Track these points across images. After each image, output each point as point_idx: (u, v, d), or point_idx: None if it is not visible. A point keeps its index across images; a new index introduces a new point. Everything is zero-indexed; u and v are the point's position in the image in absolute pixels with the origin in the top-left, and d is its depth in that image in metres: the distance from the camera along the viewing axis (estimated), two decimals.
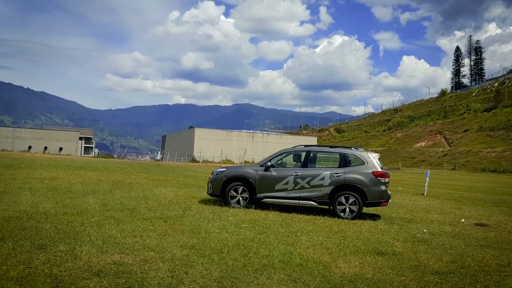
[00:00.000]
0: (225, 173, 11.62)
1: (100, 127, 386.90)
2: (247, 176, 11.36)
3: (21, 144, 73.44)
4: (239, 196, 11.33)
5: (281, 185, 11.04)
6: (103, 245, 6.39)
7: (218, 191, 11.53)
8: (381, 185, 10.73)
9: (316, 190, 10.83)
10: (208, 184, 11.93)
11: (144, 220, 8.64)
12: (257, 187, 11.21)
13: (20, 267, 5.11)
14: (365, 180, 10.65)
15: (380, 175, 10.75)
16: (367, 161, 10.91)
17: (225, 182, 11.45)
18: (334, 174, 10.81)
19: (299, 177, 10.96)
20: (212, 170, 12.39)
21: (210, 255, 6.21)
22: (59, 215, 8.58)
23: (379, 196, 10.68)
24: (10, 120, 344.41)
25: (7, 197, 10.70)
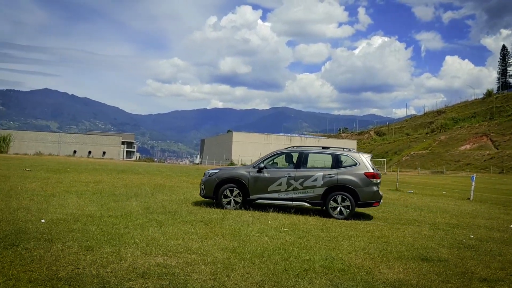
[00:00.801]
0: (218, 175, 11.58)
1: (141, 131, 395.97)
2: (240, 178, 11.36)
3: (67, 148, 76.15)
4: (232, 198, 11.32)
5: (274, 186, 11.10)
6: (147, 247, 6.53)
7: (211, 193, 11.48)
8: (373, 185, 10.86)
9: (309, 191, 10.91)
10: (201, 186, 11.86)
11: (185, 223, 8.78)
12: (250, 188, 11.21)
13: (68, 268, 5.30)
14: (357, 181, 10.76)
15: (372, 176, 10.88)
16: (359, 162, 11.04)
17: (218, 183, 11.42)
18: (326, 175, 10.90)
19: (292, 178, 11.02)
20: (204, 172, 12.35)
21: (251, 259, 6.22)
22: (104, 217, 8.84)
23: (371, 197, 10.81)
24: (56, 125, 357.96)
25: (55, 200, 11.12)
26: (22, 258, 5.59)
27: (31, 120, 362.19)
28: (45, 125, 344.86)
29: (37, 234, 6.91)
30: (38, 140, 75.24)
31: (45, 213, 8.91)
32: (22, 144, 69.46)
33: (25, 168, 21.39)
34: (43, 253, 5.84)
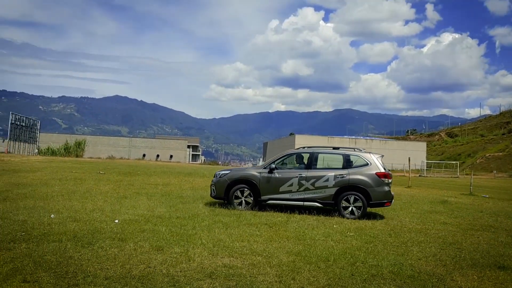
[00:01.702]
0: (229, 176, 11.57)
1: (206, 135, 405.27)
2: (251, 178, 11.34)
3: (136, 152, 79.58)
4: (243, 199, 11.28)
5: (285, 187, 11.06)
6: (214, 248, 6.68)
7: (222, 194, 11.46)
8: (385, 185, 10.84)
9: (321, 191, 10.88)
10: (211, 187, 11.85)
11: (250, 225, 8.87)
12: (262, 189, 11.19)
13: (141, 267, 5.54)
14: (369, 181, 10.73)
15: (384, 176, 10.85)
16: (370, 162, 11.00)
17: (229, 184, 11.40)
18: (338, 175, 10.87)
19: (303, 178, 10.99)
20: (215, 173, 12.31)
21: (317, 263, 6.18)
22: (172, 218, 9.15)
23: (383, 197, 10.78)
24: (126, 130, 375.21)
25: (127, 201, 11.66)
26: (98, 256, 5.91)
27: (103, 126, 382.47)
28: (116, 130, 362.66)
29: (111, 234, 7.28)
30: (110, 145, 79.28)
31: (118, 214, 9.37)
32: (96, 148, 73.43)
33: (99, 171, 22.60)
34: (117, 252, 6.15)
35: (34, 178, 16.80)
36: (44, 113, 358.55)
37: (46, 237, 6.82)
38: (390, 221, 10.51)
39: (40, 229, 7.36)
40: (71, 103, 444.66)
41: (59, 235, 6.96)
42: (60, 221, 8.21)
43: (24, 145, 48.37)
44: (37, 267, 5.25)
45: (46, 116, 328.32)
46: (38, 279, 4.85)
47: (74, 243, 6.53)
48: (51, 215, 8.72)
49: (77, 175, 19.37)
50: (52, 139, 64.91)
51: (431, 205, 15.08)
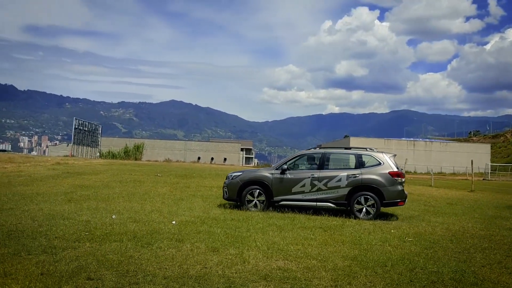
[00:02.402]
0: (241, 177, 11.56)
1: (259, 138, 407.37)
2: (263, 180, 11.33)
3: (192, 155, 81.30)
4: (256, 200, 11.25)
5: (298, 187, 11.04)
6: (268, 251, 6.70)
7: (234, 195, 11.46)
8: (398, 184, 10.79)
9: (334, 191, 10.85)
10: (224, 189, 11.84)
11: (304, 228, 8.82)
12: (274, 190, 11.17)
13: (197, 267, 5.66)
14: (382, 180, 10.69)
15: (397, 175, 10.80)
16: (383, 161, 10.95)
17: (241, 186, 11.39)
18: (351, 175, 10.84)
19: (315, 179, 10.97)
20: (227, 174, 12.31)
21: (373, 268, 6.04)
22: (227, 220, 9.27)
23: (397, 196, 10.72)
24: (182, 134, 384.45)
25: (183, 203, 11.95)
26: (157, 256, 6.10)
27: (160, 130, 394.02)
28: (172, 134, 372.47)
29: (169, 235, 7.49)
30: (166, 148, 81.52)
31: (175, 215, 9.62)
32: (153, 151, 75.72)
33: (156, 173, 23.29)
34: (175, 252, 6.31)
35: (96, 180, 17.60)
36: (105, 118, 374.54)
37: (108, 237, 7.12)
38: (452, 227, 10.10)
39: (103, 229, 7.70)
40: (130, 108, 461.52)
41: (120, 235, 7.25)
42: (121, 221, 8.55)
43: (87, 148, 50.79)
44: (100, 266, 5.49)
45: (107, 121, 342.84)
46: (101, 277, 5.07)
47: (134, 243, 6.78)
48: (112, 216, 9.10)
49: (136, 177, 20.07)
50: (113, 143, 67.60)
51: (496, 210, 14.34)
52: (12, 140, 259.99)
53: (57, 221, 8.33)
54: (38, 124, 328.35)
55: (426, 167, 62.57)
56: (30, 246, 6.30)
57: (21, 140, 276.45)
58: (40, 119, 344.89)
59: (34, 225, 7.86)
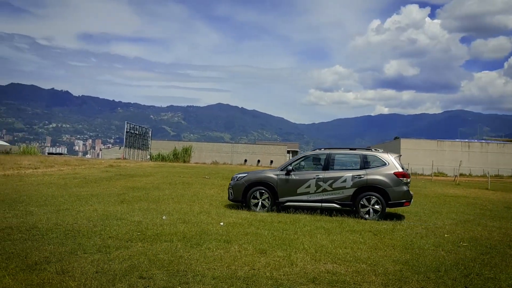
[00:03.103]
0: (246, 178, 11.58)
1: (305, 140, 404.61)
2: (268, 181, 11.32)
3: (238, 157, 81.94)
4: (261, 201, 11.26)
5: (303, 188, 11.04)
6: (316, 254, 6.64)
7: (239, 197, 11.48)
8: (403, 185, 10.75)
9: (339, 192, 10.84)
10: (229, 190, 11.87)
11: (353, 232, 8.67)
12: (279, 191, 11.18)
13: (245, 268, 5.69)
14: (387, 180, 10.65)
15: (402, 175, 10.76)
16: (388, 162, 10.93)
17: (246, 187, 11.41)
18: (356, 176, 10.82)
19: (320, 180, 10.97)
20: (232, 176, 12.37)
21: (426, 273, 5.85)
22: (274, 223, 9.26)
23: (402, 196, 10.67)
24: (228, 136, 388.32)
25: (231, 205, 12.06)
26: (205, 256, 6.19)
27: (207, 132, 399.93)
28: (219, 136, 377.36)
29: (217, 236, 7.59)
30: (214, 150, 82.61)
31: (223, 217, 9.73)
32: (201, 154, 76.98)
33: (204, 176, 23.67)
34: (223, 253, 6.38)
35: (147, 182, 18.11)
36: (155, 121, 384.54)
37: (159, 237, 7.30)
38: (510, 231, 9.62)
39: (154, 230, 7.90)
40: (178, 112, 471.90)
41: (170, 236, 7.42)
42: (171, 222, 8.74)
43: (138, 151, 52.32)
44: (152, 265, 5.64)
45: (157, 125, 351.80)
46: (153, 276, 5.21)
47: (184, 244, 6.91)
48: (163, 217, 9.33)
49: (184, 179, 20.49)
50: (162, 146, 69.28)
51: None
52: (68, 144, 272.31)
53: (111, 221, 8.63)
54: (92, 128, 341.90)
55: (482, 170, 59.96)
56: (85, 245, 6.56)
57: (76, 143, 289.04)
58: (93, 123, 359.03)
59: (89, 225, 8.18)
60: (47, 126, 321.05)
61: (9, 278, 4.87)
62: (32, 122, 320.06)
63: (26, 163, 24.43)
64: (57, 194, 12.68)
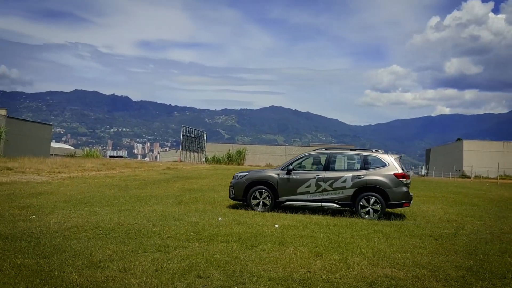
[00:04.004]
0: (247, 177, 11.64)
1: (361, 142, 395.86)
2: (269, 180, 11.38)
3: None
4: (261, 200, 11.31)
5: (303, 188, 11.09)
6: (374, 258, 6.49)
7: (240, 195, 11.54)
8: (403, 186, 10.77)
9: (339, 192, 10.87)
10: (230, 189, 11.93)
11: (412, 236, 8.41)
12: (280, 190, 11.23)
13: (301, 271, 5.67)
14: (387, 181, 10.67)
15: (402, 176, 10.77)
16: (388, 162, 10.93)
17: (247, 186, 11.47)
18: (356, 176, 10.84)
19: (321, 179, 11.02)
20: (234, 175, 12.36)
21: (491, 279, 5.58)
22: (330, 226, 9.16)
23: (402, 197, 10.69)
24: (282, 139, 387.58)
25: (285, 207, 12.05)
26: (261, 258, 6.22)
27: (261, 135, 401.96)
28: (273, 139, 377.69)
29: (272, 238, 7.61)
30: (267, 153, 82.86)
31: (278, 219, 9.73)
32: (255, 156, 77.44)
33: None
34: (278, 255, 6.39)
35: (203, 184, 18.48)
36: (209, 125, 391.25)
37: (215, 238, 7.43)
38: None
39: (210, 230, 8.05)
40: (232, 115, 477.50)
41: (226, 237, 7.53)
42: (226, 223, 8.86)
43: (194, 154, 53.50)
44: (209, 265, 5.74)
45: (211, 128, 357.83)
46: (210, 276, 5.30)
47: (240, 245, 6.98)
48: (218, 218, 9.48)
49: None
50: (217, 149, 70.42)
51: None
52: (128, 147, 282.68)
53: (169, 221, 8.88)
54: (150, 132, 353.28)
55: None
56: (146, 245, 6.79)
57: (136, 147, 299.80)
58: (151, 127, 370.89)
59: (149, 225, 8.46)
60: (108, 130, 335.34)
61: (76, 274, 5.13)
62: (95, 127, 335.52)
63: (90, 166, 25.66)
64: (118, 195, 13.21)
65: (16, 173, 19.37)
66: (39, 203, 10.78)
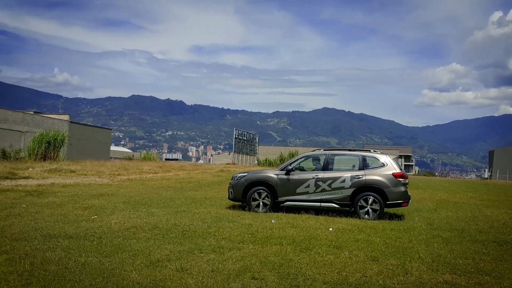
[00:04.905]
0: (247, 178, 11.62)
1: (419, 144, 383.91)
2: (268, 180, 11.38)
3: None
4: (261, 201, 11.30)
5: (302, 188, 11.10)
6: (433, 264, 6.27)
7: (239, 196, 11.54)
8: (401, 186, 10.81)
9: (338, 192, 10.90)
10: (229, 189, 11.97)
11: (474, 242, 8.05)
12: (279, 191, 11.25)
13: (357, 275, 5.56)
14: (385, 181, 10.70)
15: (400, 176, 10.82)
16: (386, 162, 11.00)
17: (246, 186, 11.45)
18: (354, 176, 10.87)
19: (320, 180, 11.04)
20: (232, 175, 12.40)
21: None
22: (386, 230, 8.93)
23: (400, 197, 10.72)
24: (335, 141, 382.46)
25: (339, 211, 11.90)
26: (315, 261, 6.17)
27: (313, 137, 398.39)
28: (325, 141, 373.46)
29: (326, 241, 7.53)
30: None
31: (332, 223, 9.61)
32: None
33: None
34: (333, 259, 6.31)
35: None
36: (261, 127, 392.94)
37: (268, 240, 7.45)
38: None
39: (263, 233, 8.09)
40: (284, 117, 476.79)
41: (280, 239, 7.53)
42: (280, 226, 8.87)
43: (246, 156, 53.97)
44: (263, 267, 5.77)
45: (263, 130, 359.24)
46: (264, 277, 5.32)
47: (293, 247, 6.97)
48: (272, 220, 9.50)
49: None
50: (269, 151, 70.71)
51: None
52: (183, 150, 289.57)
53: (223, 223, 9.01)
54: (204, 135, 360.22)
55: None
56: (201, 245, 6.93)
57: (190, 149, 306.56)
58: (205, 130, 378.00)
59: (204, 226, 8.63)
60: (164, 134, 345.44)
61: (136, 273, 5.32)
62: (151, 130, 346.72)
63: (147, 168, 26.54)
64: (174, 197, 13.56)
65: (78, 175, 20.37)
66: (100, 204, 11.26)
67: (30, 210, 9.83)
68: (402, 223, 9.87)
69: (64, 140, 29.86)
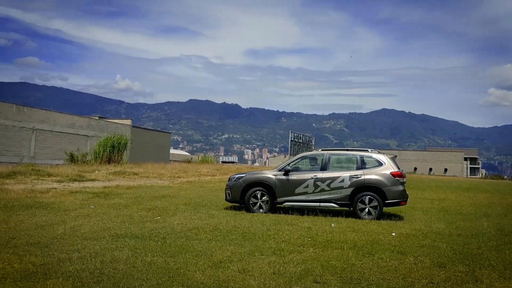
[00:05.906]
0: (244, 179, 11.54)
1: (486, 146, 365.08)
2: (266, 181, 11.32)
3: (407, 165, 77.97)
4: (260, 201, 11.23)
5: (301, 188, 11.06)
6: (505, 271, 5.95)
7: (237, 197, 11.47)
8: (400, 185, 10.82)
9: (337, 192, 10.87)
10: (226, 191, 11.87)
11: None
12: (277, 191, 11.19)
13: (423, 281, 5.39)
14: (384, 180, 10.70)
15: (399, 175, 10.83)
16: (385, 162, 11.01)
17: (244, 187, 11.38)
18: (353, 176, 10.84)
19: (318, 180, 11.00)
20: (229, 177, 12.34)
21: None
22: (453, 236, 8.58)
23: (399, 196, 10.73)
24: (395, 143, 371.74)
25: (402, 215, 11.54)
26: (379, 266, 6.03)
27: (371, 139, 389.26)
28: (385, 143, 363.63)
29: (389, 246, 7.33)
30: None
31: (394, 227, 9.34)
32: None
33: None
34: (397, 264, 6.13)
35: None
36: (317, 130, 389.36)
37: (329, 244, 7.37)
38: None
39: (323, 236, 8.00)
40: (340, 119, 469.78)
41: (340, 243, 7.42)
42: (340, 230, 8.74)
43: None
44: (325, 270, 5.71)
45: (319, 133, 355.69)
46: (327, 281, 5.27)
47: (355, 252, 6.84)
48: (331, 224, 9.39)
49: None
50: None
51: None
52: (238, 153, 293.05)
53: (282, 226, 9.01)
54: (259, 138, 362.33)
55: None
56: (262, 247, 6.97)
57: (245, 152, 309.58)
58: (260, 133, 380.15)
59: (263, 228, 8.67)
60: (220, 137, 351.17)
61: (199, 273, 5.44)
62: (208, 134, 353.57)
63: (205, 171, 27.10)
64: None
65: (141, 177, 21.15)
66: (162, 206, 11.62)
67: (98, 211, 10.31)
68: (469, 229, 9.43)
69: (127, 143, 31.08)
